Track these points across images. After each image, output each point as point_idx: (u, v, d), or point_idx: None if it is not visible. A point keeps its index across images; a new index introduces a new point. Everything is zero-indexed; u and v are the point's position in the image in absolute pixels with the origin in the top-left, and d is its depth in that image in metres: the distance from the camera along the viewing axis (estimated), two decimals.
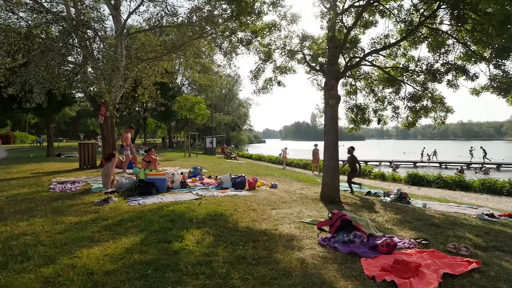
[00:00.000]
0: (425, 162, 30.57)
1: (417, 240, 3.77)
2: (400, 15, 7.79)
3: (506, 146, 74.64)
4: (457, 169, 23.63)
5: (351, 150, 8.76)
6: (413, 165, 30.28)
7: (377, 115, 9.21)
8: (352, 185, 10.17)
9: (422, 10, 7.27)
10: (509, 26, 5.53)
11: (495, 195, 10.64)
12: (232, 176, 7.84)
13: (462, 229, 4.62)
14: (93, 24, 9.07)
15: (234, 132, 65.07)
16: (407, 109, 8.52)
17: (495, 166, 27.88)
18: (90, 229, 3.76)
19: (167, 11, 12.37)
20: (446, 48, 7.30)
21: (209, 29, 11.89)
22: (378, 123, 9.17)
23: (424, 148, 35.17)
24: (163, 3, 12.04)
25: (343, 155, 8.55)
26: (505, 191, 10.64)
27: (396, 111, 8.76)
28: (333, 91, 6.54)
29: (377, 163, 30.73)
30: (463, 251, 3.40)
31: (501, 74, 6.42)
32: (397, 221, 4.98)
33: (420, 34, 7.62)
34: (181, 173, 10.21)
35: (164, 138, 48.11)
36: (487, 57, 6.54)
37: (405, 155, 39.26)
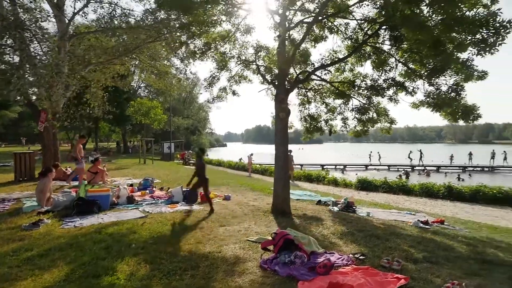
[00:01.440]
0: (375, 165, 32.54)
1: (355, 256, 3.92)
2: (347, 32, 8.19)
3: (445, 148, 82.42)
4: (402, 172, 25.42)
5: (199, 153, 7.53)
6: (365, 168, 32.13)
7: (327, 124, 9.56)
8: (305, 194, 10.43)
9: (366, 29, 7.71)
10: (441, 48, 6.06)
11: (432, 198, 11.62)
12: (183, 189, 7.60)
13: (399, 240, 4.92)
14: (29, 24, 8.29)
15: (194, 136, 63.81)
16: (355, 120, 8.97)
17: (435, 168, 30.54)
18: (7, 264, 3.35)
19: (116, 13, 11.76)
20: (388, 66, 7.81)
21: (165, 32, 11.49)
22: (330, 133, 9.52)
23: (371, 152, 37.28)
24: (112, 4, 11.42)
25: (306, 159, 8.72)
26: (440, 194, 11.66)
27: (346, 122, 9.17)
28: (283, 104, 6.65)
29: (333, 167, 32.13)
30: (395, 266, 3.60)
31: (435, 91, 7.01)
32: (341, 233, 5.17)
33: (365, 52, 8.07)
34: (131, 185, 9.72)
35: (119, 143, 45.63)
36: (424, 75, 7.12)
37: (358, 158, 41.51)
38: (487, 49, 5.15)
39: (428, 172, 26.68)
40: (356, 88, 8.25)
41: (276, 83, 6.98)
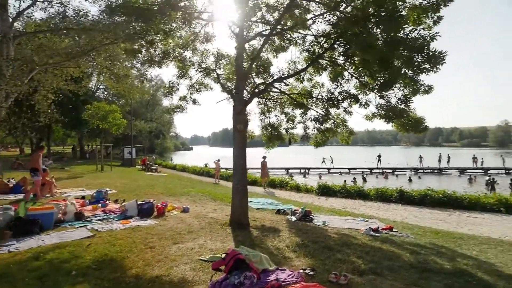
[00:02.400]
0: (338, 168, 33.81)
1: (306, 271, 3.99)
2: (304, 45, 8.41)
3: (401, 150, 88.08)
4: (362, 176, 26.64)
5: None
6: (327, 171, 33.25)
7: (288, 133, 9.72)
8: (266, 203, 10.51)
9: (322, 42, 7.98)
10: (389, 65, 6.43)
11: (386, 202, 12.30)
12: (138, 202, 7.27)
13: (349, 250, 5.11)
14: None
15: (158, 140, 61.87)
16: (315, 130, 9.21)
17: (391, 170, 32.43)
18: None
19: (68, 13, 11.07)
20: (343, 78, 8.14)
21: (122, 34, 10.99)
22: (289, 143, 9.70)
23: (324, 157, 38.39)
24: (62, 5, 10.71)
25: (272, 163, 8.74)
26: (393, 198, 12.38)
27: (306, 131, 9.39)
28: (241, 116, 6.64)
29: (298, 170, 32.84)
30: (342, 281, 3.72)
31: (386, 104, 7.42)
32: (296, 246, 5.24)
33: (322, 64, 8.34)
34: (82, 197, 9.13)
35: (75, 147, 42.78)
36: (375, 88, 7.51)
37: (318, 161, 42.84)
38: (425, 72, 5.61)
39: (386, 175, 28.33)
40: (314, 99, 8.49)
41: (234, 94, 6.96)
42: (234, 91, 7.13)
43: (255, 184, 17.88)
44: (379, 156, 35.58)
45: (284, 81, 8.17)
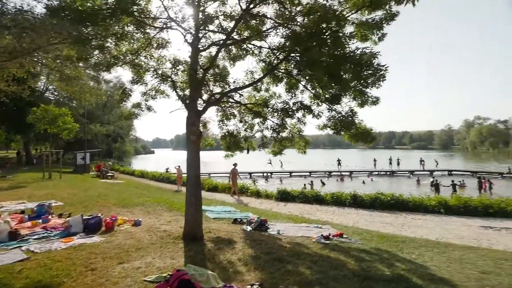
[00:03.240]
0: (299, 172, 34.64)
1: (253, 287, 4.02)
2: (261, 55, 8.52)
3: (358, 153, 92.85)
4: (321, 180, 27.56)
5: None
6: (289, 175, 33.99)
7: (247, 142, 9.75)
8: (224, 211, 10.45)
9: (277, 54, 8.14)
10: (338, 79, 6.75)
11: (341, 206, 12.85)
12: (84, 217, 6.83)
13: (299, 261, 5.23)
14: None
15: (116, 144, 58.89)
16: (272, 139, 9.34)
17: (348, 173, 33.99)
18: None
19: (8, 10, 10.14)
20: (297, 90, 8.37)
21: (68, 36, 10.29)
22: (247, 151, 9.75)
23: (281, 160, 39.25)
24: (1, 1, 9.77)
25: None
26: (347, 202, 12.97)
27: (264, 140, 9.49)
28: (194, 126, 6.54)
29: (261, 174, 33.13)
30: None
31: (336, 115, 7.75)
32: (248, 258, 5.26)
33: (278, 75, 8.50)
34: (22, 211, 8.37)
35: (20, 152, 39.10)
36: (327, 100, 7.82)
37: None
38: (370, 86, 5.98)
39: (343, 178, 29.64)
40: (270, 109, 8.63)
41: (188, 103, 6.82)
42: (187, 101, 7.00)
43: (216, 190, 17.71)
44: (339, 161, 37.15)
45: (240, 91, 8.19)
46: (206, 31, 7.79)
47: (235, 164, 15.65)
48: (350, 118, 7.12)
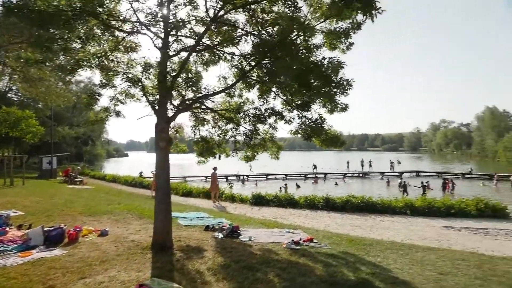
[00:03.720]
0: (274, 174, 34.92)
1: None
2: (233, 61, 8.52)
3: (334, 155, 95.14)
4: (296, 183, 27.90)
5: None
6: (265, 178, 34.19)
7: (220, 148, 9.69)
8: (197, 217, 10.30)
9: (249, 60, 8.18)
10: (307, 87, 6.89)
11: (313, 209, 13.09)
12: (45, 229, 6.48)
13: (268, 268, 5.26)
14: None
15: (87, 147, 56.58)
16: (245, 145, 9.34)
17: (323, 175, 34.72)
18: None
19: None
20: (269, 96, 8.44)
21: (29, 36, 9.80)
22: (219, 158, 9.69)
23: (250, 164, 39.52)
24: None
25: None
26: (320, 206, 13.24)
27: (237, 146, 9.47)
28: (163, 133, 6.42)
29: (237, 177, 33.05)
30: None
31: (306, 121, 7.90)
32: (218, 267, 5.22)
33: (250, 81, 8.53)
34: None
35: None
36: (298, 106, 7.95)
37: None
38: (337, 94, 6.17)
39: (316, 180, 30.30)
40: (242, 115, 8.64)
41: (157, 110, 6.68)
42: (157, 107, 6.85)
43: (191, 195, 17.45)
44: (315, 166, 37.82)
45: (211, 98, 8.14)
46: (177, 36, 7.70)
47: (215, 168, 15.11)
48: (319, 125, 7.27)
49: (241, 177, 32.85)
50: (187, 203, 14.61)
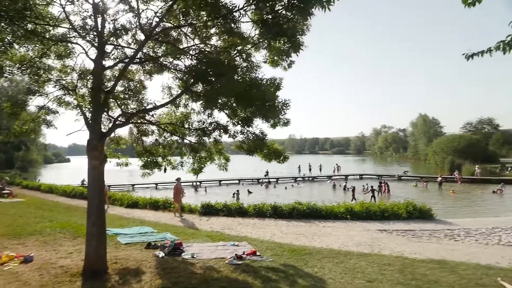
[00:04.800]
0: (226, 180, 34.81)
1: None
2: (177, 73, 8.35)
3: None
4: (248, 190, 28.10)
5: None
6: (218, 183, 33.93)
7: (165, 160, 9.40)
8: (139, 233, 9.87)
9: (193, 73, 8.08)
10: (251, 102, 7.02)
11: (262, 218, 13.32)
12: None
13: None
14: None
15: (19, 152, 50.91)
16: (191, 158, 9.17)
17: (275, 180, 35.55)
18: None
19: None
20: (214, 109, 8.42)
21: None
22: (165, 171, 9.41)
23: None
24: None
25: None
26: (268, 214, 13.52)
27: (183, 158, 9.27)
28: (96, 151, 6.03)
29: (190, 184, 32.25)
30: None
31: (249, 136, 8.03)
32: None
33: (195, 92, 8.42)
34: None
35: None
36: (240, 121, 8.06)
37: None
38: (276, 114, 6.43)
39: (267, 185, 31.04)
40: (186, 128, 8.49)
41: (90, 125, 6.26)
42: (90, 121, 6.41)
43: (137, 206, 16.60)
44: (267, 172, 38.45)
45: (146, 113, 7.86)
46: (115, 46, 7.32)
47: (178, 179, 14.56)
48: (261, 140, 7.46)
49: (194, 184, 32.16)
50: (131, 216, 13.89)
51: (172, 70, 8.34)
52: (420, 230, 11.51)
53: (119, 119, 7.10)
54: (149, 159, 9.17)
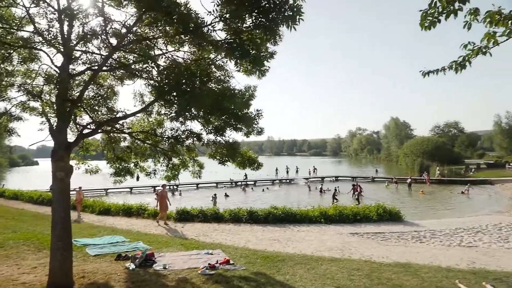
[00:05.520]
0: (205, 183, 34.50)
1: None
2: (149, 81, 8.20)
3: (265, 160, 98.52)
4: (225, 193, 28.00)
5: None
6: (196, 187, 33.53)
7: (138, 167, 9.21)
8: (110, 243, 9.58)
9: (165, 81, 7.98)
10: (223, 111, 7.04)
11: (238, 223, 13.34)
12: None
13: None
14: None
15: None
16: (164, 166, 9.04)
17: (253, 182, 35.65)
18: None
19: None
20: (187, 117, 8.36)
21: None
22: (137, 179, 9.21)
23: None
24: None
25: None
26: (244, 219, 13.56)
27: (156, 165, 9.12)
28: (62, 162, 5.81)
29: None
30: None
31: (222, 144, 8.03)
32: None
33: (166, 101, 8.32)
34: None
35: None
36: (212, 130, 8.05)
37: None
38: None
39: (244, 188, 31.14)
40: (159, 136, 8.37)
41: (54, 134, 6.01)
42: (55, 130, 6.16)
43: (109, 213, 16.08)
44: (246, 175, 38.48)
45: (115, 122, 7.68)
46: (82, 51, 7.09)
47: (163, 186, 13.80)
48: (233, 150, 7.50)
49: (171, 187, 31.59)
50: (102, 224, 13.44)
51: (144, 77, 8.24)
52: (389, 232, 12.00)
53: (88, 127, 6.88)
54: (120, 166, 8.96)
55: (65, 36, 6.32)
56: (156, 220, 13.81)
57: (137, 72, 8.07)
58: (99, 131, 7.09)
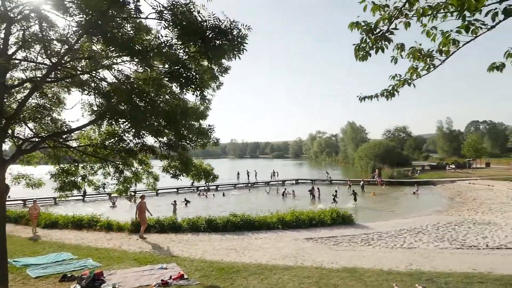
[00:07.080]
0: (164, 189, 33.50)
1: None
2: (99, 91, 7.86)
3: (229, 162, 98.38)
4: (185, 199, 27.46)
5: None
6: (155, 194, 32.38)
7: (86, 180, 8.75)
8: (55, 262, 9.03)
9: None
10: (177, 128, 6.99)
11: (196, 232, 13.20)
12: None
13: None
14: None
15: None
16: (115, 179, 8.68)
17: (214, 187, 35.36)
18: None
19: None
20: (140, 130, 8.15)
21: None
22: (84, 195, 8.76)
23: None
24: None
25: None
26: (202, 228, 13.46)
27: (106, 178, 8.73)
28: None
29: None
30: None
31: (176, 158, 7.96)
32: None
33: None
34: None
35: None
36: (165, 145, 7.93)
37: None
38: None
39: (204, 194, 30.93)
40: (109, 149, 8.05)
41: None
42: None
43: (56, 226, 14.95)
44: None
45: (58, 137, 7.29)
46: (21, 60, 6.62)
47: (142, 197, 13.18)
48: (186, 165, 7.49)
49: (130, 194, 30.16)
50: (48, 239, 12.50)
51: (92, 88, 7.88)
52: (341, 236, 12.68)
53: (26, 142, 6.44)
54: (66, 180, 8.46)
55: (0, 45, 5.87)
56: (139, 236, 12.74)
57: (85, 86, 7.73)
58: (42, 145, 6.65)
